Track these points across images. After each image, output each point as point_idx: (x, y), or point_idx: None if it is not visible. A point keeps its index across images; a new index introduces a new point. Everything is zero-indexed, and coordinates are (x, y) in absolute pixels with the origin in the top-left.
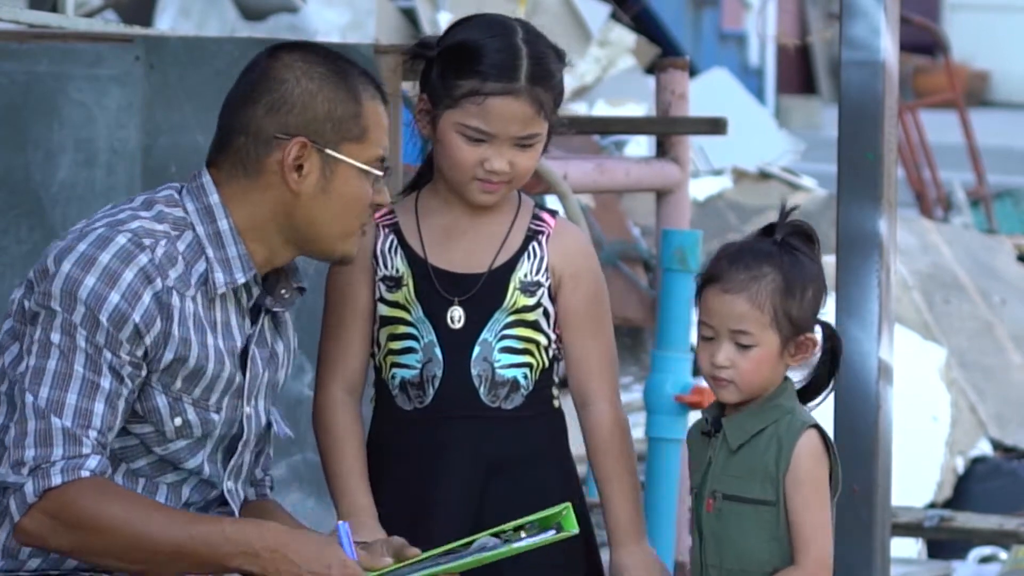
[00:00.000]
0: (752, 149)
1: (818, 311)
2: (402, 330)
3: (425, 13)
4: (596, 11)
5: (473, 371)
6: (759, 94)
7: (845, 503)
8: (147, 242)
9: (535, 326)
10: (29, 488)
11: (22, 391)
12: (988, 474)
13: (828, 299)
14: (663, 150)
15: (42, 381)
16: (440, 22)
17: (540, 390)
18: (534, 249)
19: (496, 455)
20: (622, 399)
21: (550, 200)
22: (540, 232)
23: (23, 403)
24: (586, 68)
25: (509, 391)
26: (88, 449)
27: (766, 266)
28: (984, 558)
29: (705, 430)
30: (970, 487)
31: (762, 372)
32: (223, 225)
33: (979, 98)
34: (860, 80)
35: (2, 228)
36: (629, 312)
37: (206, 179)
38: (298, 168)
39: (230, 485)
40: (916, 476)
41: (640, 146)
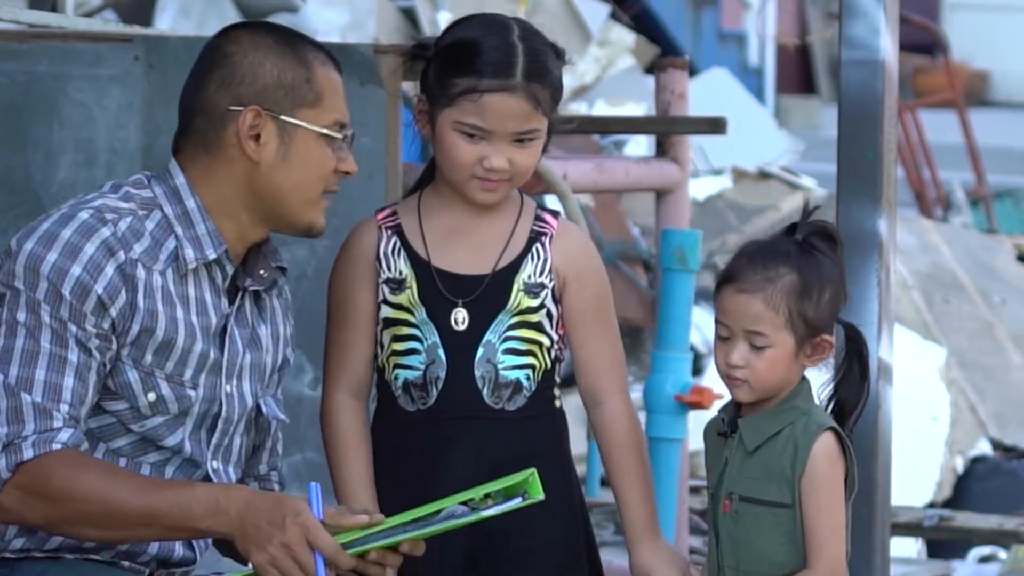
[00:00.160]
0: (752, 149)
1: (837, 312)
2: (405, 331)
3: (425, 13)
4: (596, 11)
5: (477, 372)
6: (759, 94)
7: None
8: (109, 216)
9: (538, 327)
10: (2, 464)
11: None
12: (988, 474)
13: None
14: (663, 150)
15: (11, 360)
16: (440, 22)
17: (542, 391)
18: (537, 251)
19: (498, 456)
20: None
21: (550, 200)
22: (543, 233)
23: None
24: (586, 68)
25: (512, 392)
26: (59, 423)
27: (783, 267)
28: (984, 558)
29: (721, 431)
30: (970, 487)
31: (777, 372)
32: (190, 204)
33: (979, 98)
34: (860, 80)
35: (2, 228)
36: (629, 312)
37: (171, 164)
38: (255, 138)
39: (215, 465)
40: (916, 476)
41: (640, 146)
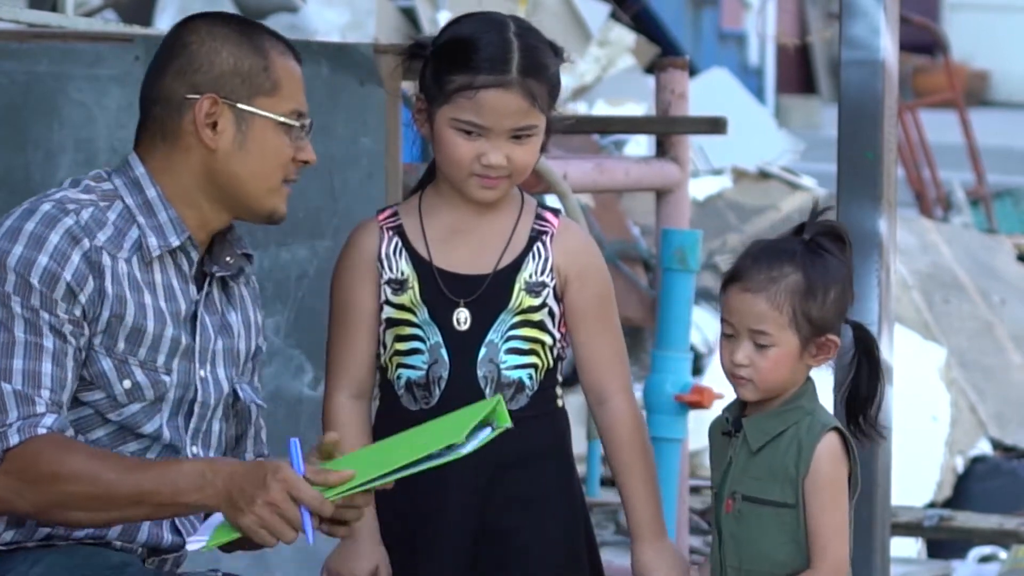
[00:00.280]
0: (752, 149)
1: (843, 312)
2: (408, 332)
3: (425, 13)
4: (596, 11)
5: (479, 372)
6: (759, 94)
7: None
8: (71, 207)
9: (541, 326)
10: None
11: None
12: (988, 474)
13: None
14: (663, 150)
15: None
16: (440, 22)
17: (544, 390)
18: (539, 249)
19: (500, 455)
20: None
21: (550, 200)
22: (544, 232)
23: None
24: (586, 68)
25: (515, 392)
26: (42, 408)
27: (787, 266)
28: (984, 558)
29: (725, 430)
30: (970, 487)
31: (781, 372)
32: (151, 193)
33: (979, 98)
34: (860, 80)
35: None
36: (629, 312)
37: (131, 156)
38: (212, 126)
39: (195, 450)
40: (916, 476)
41: (640, 146)
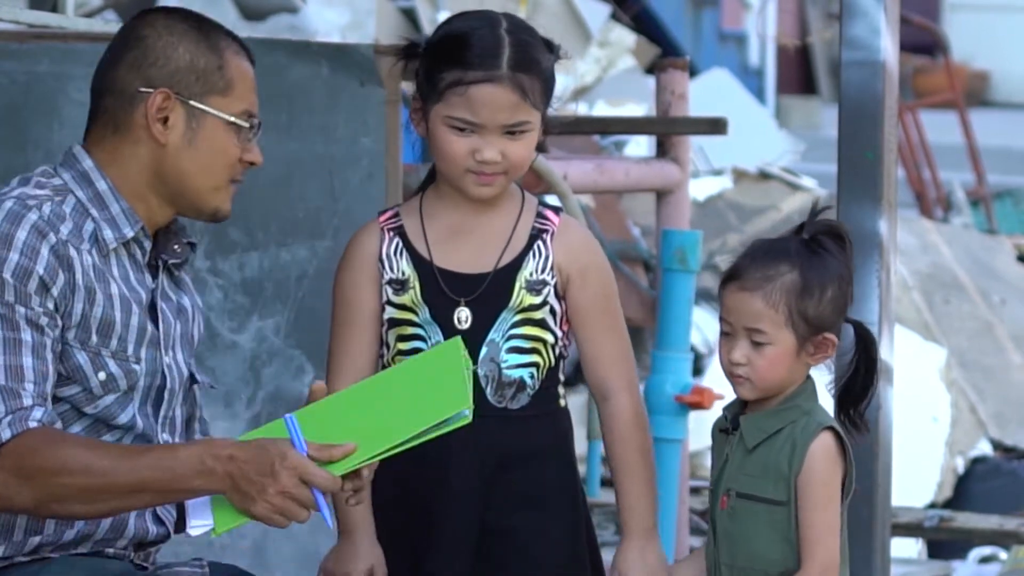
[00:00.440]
0: (752, 149)
1: (841, 311)
2: (410, 331)
3: (425, 13)
4: (596, 11)
5: (480, 372)
6: (759, 94)
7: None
8: (32, 203)
9: (542, 324)
10: None
11: None
12: (988, 474)
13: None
14: (663, 150)
15: None
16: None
17: (546, 389)
18: (539, 248)
19: (502, 455)
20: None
21: (550, 200)
22: (545, 230)
23: None
24: (586, 68)
25: (515, 391)
26: (29, 401)
27: (784, 265)
28: (984, 558)
29: (723, 427)
30: (970, 487)
31: (778, 370)
32: (101, 186)
33: (979, 98)
34: (860, 80)
35: None
36: (629, 312)
37: (76, 149)
38: (163, 120)
39: (166, 437)
40: (916, 476)
41: (640, 146)
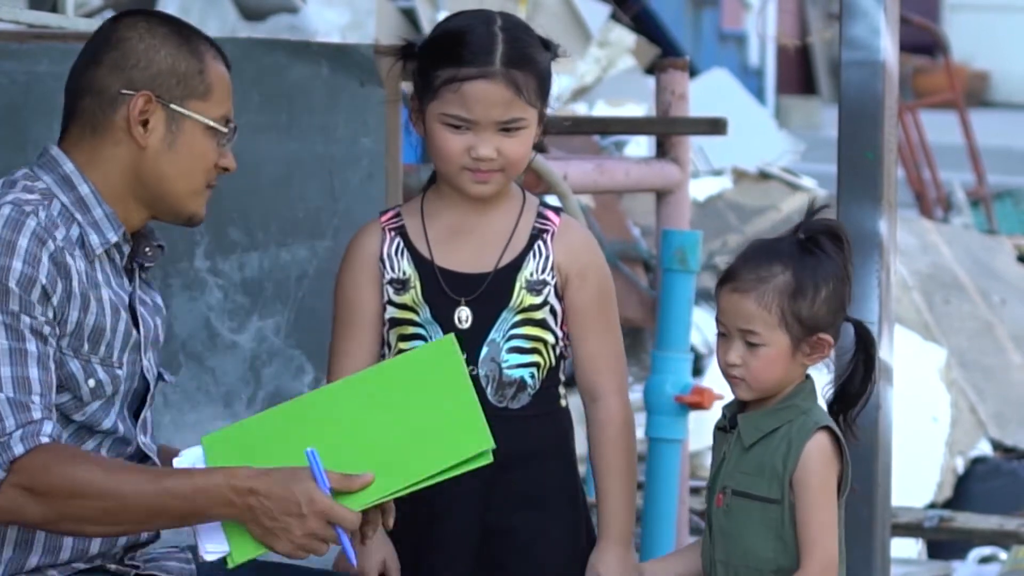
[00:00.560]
0: (752, 149)
1: (838, 310)
2: (411, 331)
3: (425, 13)
4: (596, 11)
5: (480, 371)
6: (759, 94)
7: (845, 503)
8: (28, 208)
9: (543, 324)
10: None
11: None
12: (988, 474)
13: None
14: (663, 150)
15: None
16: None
17: (547, 389)
18: (539, 248)
19: (502, 455)
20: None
21: (550, 201)
22: (545, 230)
23: None
24: (586, 68)
25: (516, 391)
26: (38, 414)
27: (777, 265)
28: (984, 558)
29: (721, 425)
30: (970, 487)
31: (773, 371)
32: (84, 190)
33: (979, 98)
34: (860, 80)
35: None
36: (629, 312)
37: (55, 151)
38: (143, 123)
39: (144, 439)
40: (916, 476)
41: (640, 146)
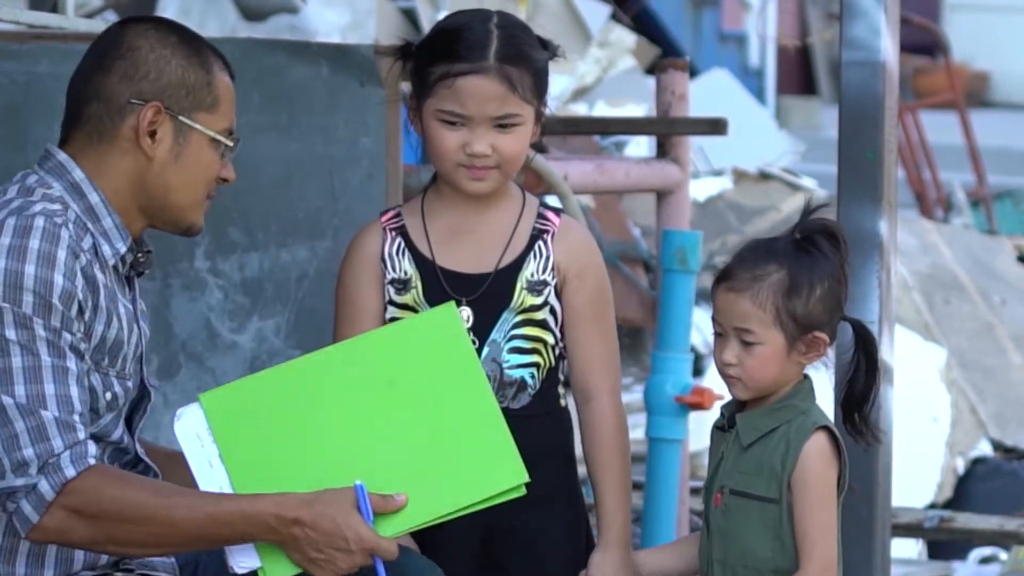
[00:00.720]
0: (752, 150)
1: (834, 309)
2: None
3: (425, 13)
4: (596, 12)
5: None
6: (759, 95)
7: (845, 503)
8: (59, 220)
9: (543, 325)
10: (44, 486)
11: None
12: (988, 475)
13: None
14: (663, 151)
15: (13, 380)
16: None
17: (547, 389)
18: (540, 248)
19: None
20: (622, 400)
21: (550, 201)
22: (545, 231)
23: (2, 407)
24: (586, 69)
25: (516, 391)
26: (83, 434)
27: (771, 264)
28: (984, 559)
29: (719, 424)
30: (970, 488)
31: (769, 370)
32: (94, 199)
33: (979, 98)
34: (860, 80)
35: None
36: (629, 312)
37: (62, 156)
38: (151, 134)
39: (139, 448)
40: (916, 476)
41: (640, 147)
